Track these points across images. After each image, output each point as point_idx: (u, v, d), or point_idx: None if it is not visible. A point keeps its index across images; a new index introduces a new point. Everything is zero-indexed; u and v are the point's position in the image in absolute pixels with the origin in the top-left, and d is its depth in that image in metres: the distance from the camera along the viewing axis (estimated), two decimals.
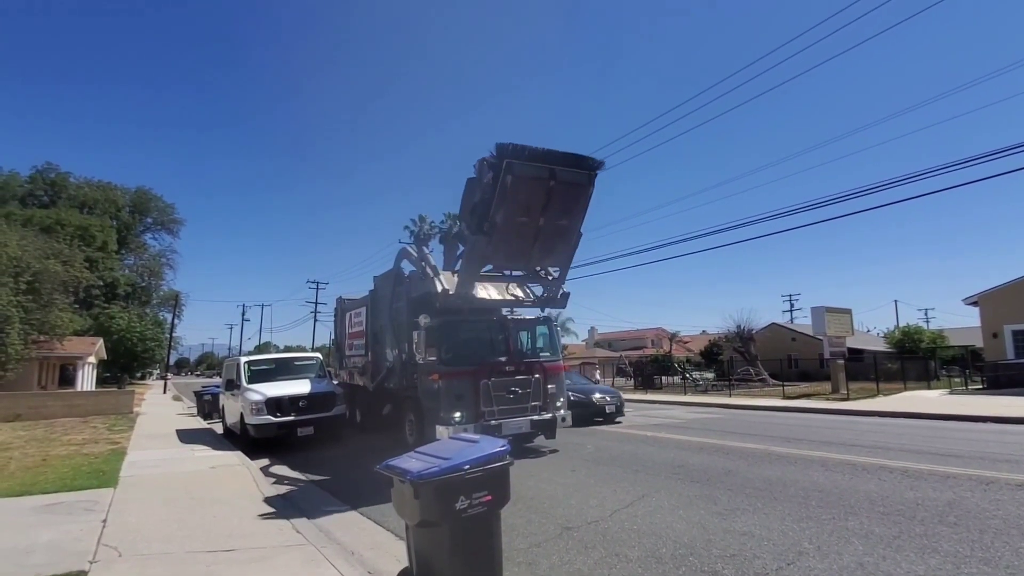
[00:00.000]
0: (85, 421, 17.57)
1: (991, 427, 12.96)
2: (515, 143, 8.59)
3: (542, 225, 9.31)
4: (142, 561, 4.69)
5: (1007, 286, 25.57)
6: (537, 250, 9.72)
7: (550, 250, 9.93)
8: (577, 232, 9.94)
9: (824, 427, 13.65)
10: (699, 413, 18.62)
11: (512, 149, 8.52)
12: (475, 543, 3.66)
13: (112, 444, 12.03)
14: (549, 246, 9.78)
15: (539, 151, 8.78)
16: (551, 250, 9.94)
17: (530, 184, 8.82)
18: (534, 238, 9.44)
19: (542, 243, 9.59)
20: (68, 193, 53.07)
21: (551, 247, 9.85)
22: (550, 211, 9.22)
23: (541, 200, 9.04)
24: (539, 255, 9.93)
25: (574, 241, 10.04)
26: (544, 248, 9.76)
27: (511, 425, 9.89)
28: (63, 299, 25.91)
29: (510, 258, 9.86)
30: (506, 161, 8.46)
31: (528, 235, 9.37)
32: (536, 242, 9.52)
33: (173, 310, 52.13)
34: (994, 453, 9.18)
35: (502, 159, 8.53)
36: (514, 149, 8.53)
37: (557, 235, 9.68)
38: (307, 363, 14.63)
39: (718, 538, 5.15)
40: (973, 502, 6.12)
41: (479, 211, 9.11)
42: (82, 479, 8.10)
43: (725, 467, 8.55)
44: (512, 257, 9.83)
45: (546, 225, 9.35)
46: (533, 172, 8.76)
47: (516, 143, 8.59)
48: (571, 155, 9.16)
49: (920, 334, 39.76)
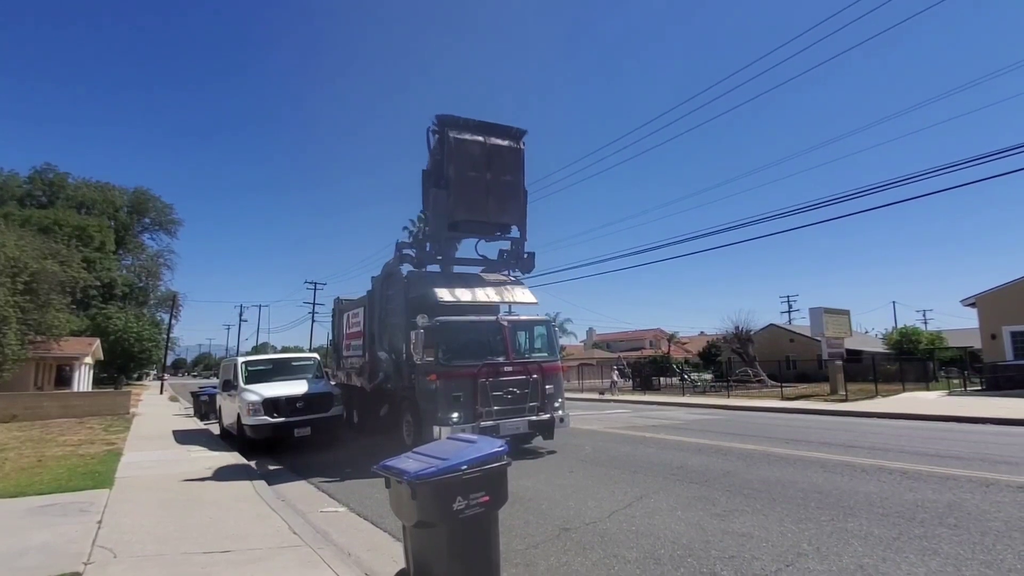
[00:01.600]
0: (81, 422, 17.49)
1: (990, 428, 12.96)
2: (452, 114, 11.06)
3: (490, 180, 11.25)
4: (137, 563, 4.64)
5: (1005, 287, 25.61)
6: (492, 204, 11.44)
7: (503, 206, 11.64)
8: (522, 189, 11.85)
9: (822, 428, 13.63)
10: (697, 414, 18.61)
11: (450, 118, 10.99)
12: (473, 544, 3.62)
13: (108, 445, 11.97)
14: (501, 200, 11.55)
15: (473, 121, 11.17)
16: (504, 207, 11.66)
17: (469, 144, 11.01)
18: (486, 192, 11.27)
19: (495, 197, 11.39)
20: (66, 193, 52.89)
21: (503, 202, 11.60)
22: (493, 168, 11.26)
23: (483, 159, 11.13)
24: (495, 209, 11.57)
25: (522, 199, 11.88)
26: (498, 202, 11.51)
27: (509, 426, 9.86)
28: (60, 299, 25.78)
29: (470, 210, 11.31)
30: (446, 129, 10.88)
31: (480, 188, 11.20)
32: (489, 196, 11.32)
33: (170, 311, 51.98)
34: (994, 455, 9.17)
35: (443, 126, 10.98)
36: (451, 118, 10.99)
37: (506, 190, 11.50)
38: (304, 364, 14.58)
39: (717, 539, 5.12)
40: (973, 504, 6.10)
41: (434, 172, 11.23)
42: (77, 480, 8.06)
43: (724, 468, 8.52)
44: (472, 209, 11.31)
45: (493, 180, 11.30)
46: (470, 133, 11.07)
47: (453, 114, 11.07)
48: (498, 124, 11.57)
49: (918, 335, 39.84)
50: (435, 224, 11.44)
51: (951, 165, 12.70)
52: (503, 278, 12.28)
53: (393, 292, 12.20)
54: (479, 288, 11.10)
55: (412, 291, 11.26)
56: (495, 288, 11.38)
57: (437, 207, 11.18)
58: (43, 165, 54.12)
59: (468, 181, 11.06)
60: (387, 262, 12.62)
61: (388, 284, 12.47)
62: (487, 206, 11.36)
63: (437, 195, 11.11)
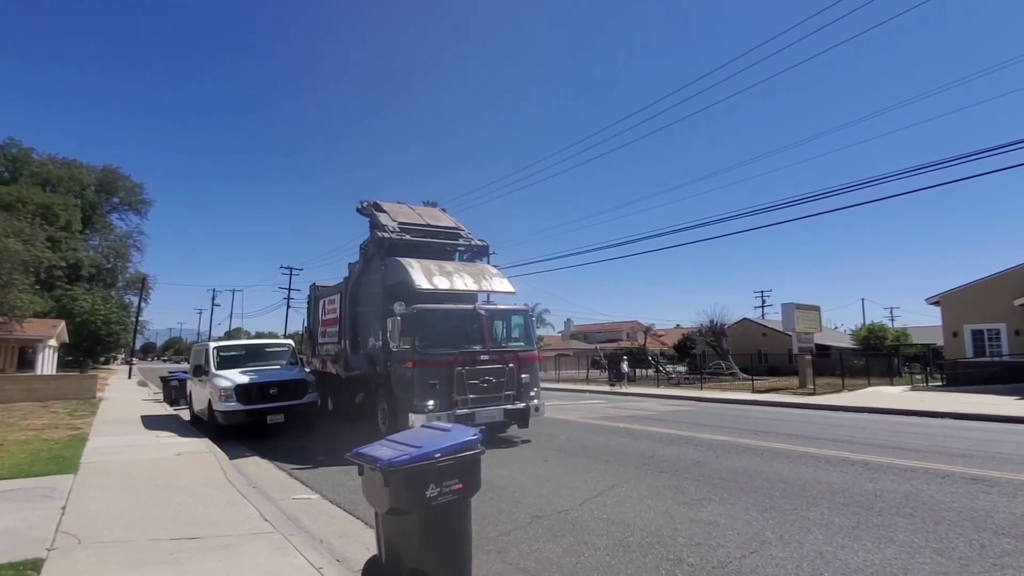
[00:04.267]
0: (45, 406, 17.02)
1: (949, 423, 13.45)
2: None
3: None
4: (102, 548, 4.57)
5: (968, 287, 26.47)
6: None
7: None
8: None
9: (791, 421, 13.99)
10: (671, 405, 18.92)
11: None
12: (445, 531, 3.65)
13: (73, 429, 11.69)
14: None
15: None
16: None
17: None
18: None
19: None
20: (31, 170, 51.02)
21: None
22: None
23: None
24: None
25: None
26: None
27: (484, 414, 9.91)
28: (23, 279, 24.97)
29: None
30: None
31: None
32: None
33: (140, 293, 50.59)
34: (951, 447, 9.53)
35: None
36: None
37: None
38: (278, 350, 14.39)
39: (684, 527, 5.24)
40: (929, 494, 6.34)
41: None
42: (40, 465, 7.85)
43: (694, 458, 8.70)
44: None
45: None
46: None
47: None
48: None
49: (885, 332, 40.97)
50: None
51: (919, 168, 13.06)
52: (482, 267, 12.28)
53: (371, 279, 12.10)
54: (457, 276, 11.08)
55: (390, 278, 11.19)
56: (473, 276, 11.37)
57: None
58: (6, 140, 52.18)
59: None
60: (363, 243, 12.52)
61: (365, 270, 12.37)
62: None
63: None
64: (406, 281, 10.44)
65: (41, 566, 4.14)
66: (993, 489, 6.56)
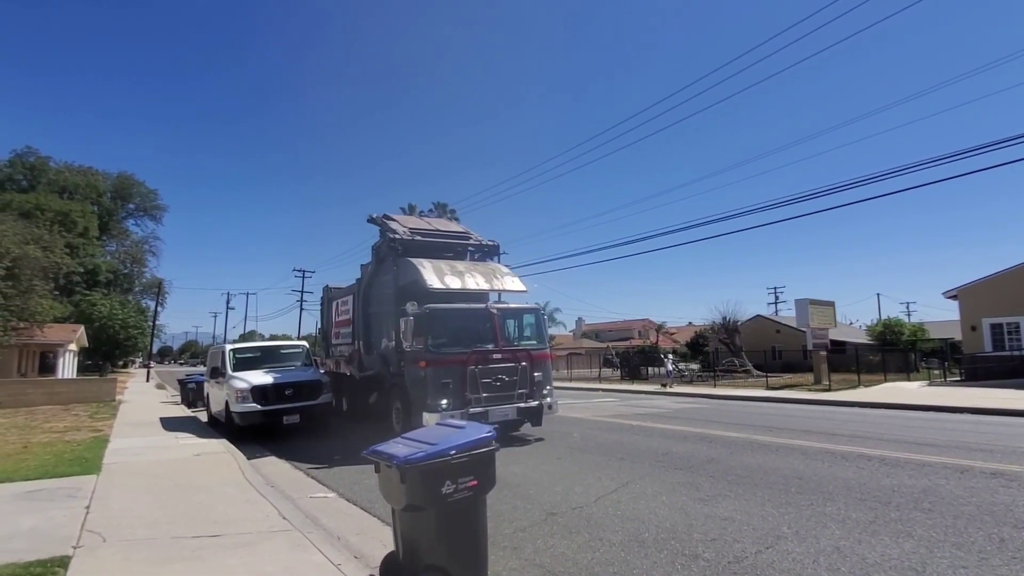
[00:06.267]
0: (67, 409, 17.35)
1: (968, 418, 13.28)
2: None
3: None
4: (127, 546, 4.67)
5: (986, 280, 26.08)
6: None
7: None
8: None
9: (805, 417, 13.88)
10: (684, 403, 18.84)
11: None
12: (461, 527, 3.69)
13: (94, 431, 11.91)
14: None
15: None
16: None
17: None
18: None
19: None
20: (48, 178, 51.88)
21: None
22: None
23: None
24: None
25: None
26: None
27: (497, 412, 9.95)
28: (43, 285, 25.36)
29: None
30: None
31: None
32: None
33: (156, 297, 51.34)
34: (969, 442, 9.41)
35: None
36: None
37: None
38: (293, 351, 14.55)
39: (699, 523, 5.25)
40: (947, 489, 6.28)
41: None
42: (64, 466, 8.03)
43: (708, 455, 8.68)
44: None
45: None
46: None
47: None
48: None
49: (901, 327, 40.45)
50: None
51: (937, 159, 12.89)
52: (493, 266, 12.33)
53: (383, 280, 12.19)
54: (469, 275, 11.14)
55: (402, 279, 11.26)
56: (484, 276, 11.42)
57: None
58: (24, 148, 53.04)
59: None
60: (375, 245, 12.63)
61: (378, 271, 12.46)
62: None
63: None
64: (418, 281, 10.51)
65: (68, 563, 4.24)
66: (1013, 483, 6.48)
